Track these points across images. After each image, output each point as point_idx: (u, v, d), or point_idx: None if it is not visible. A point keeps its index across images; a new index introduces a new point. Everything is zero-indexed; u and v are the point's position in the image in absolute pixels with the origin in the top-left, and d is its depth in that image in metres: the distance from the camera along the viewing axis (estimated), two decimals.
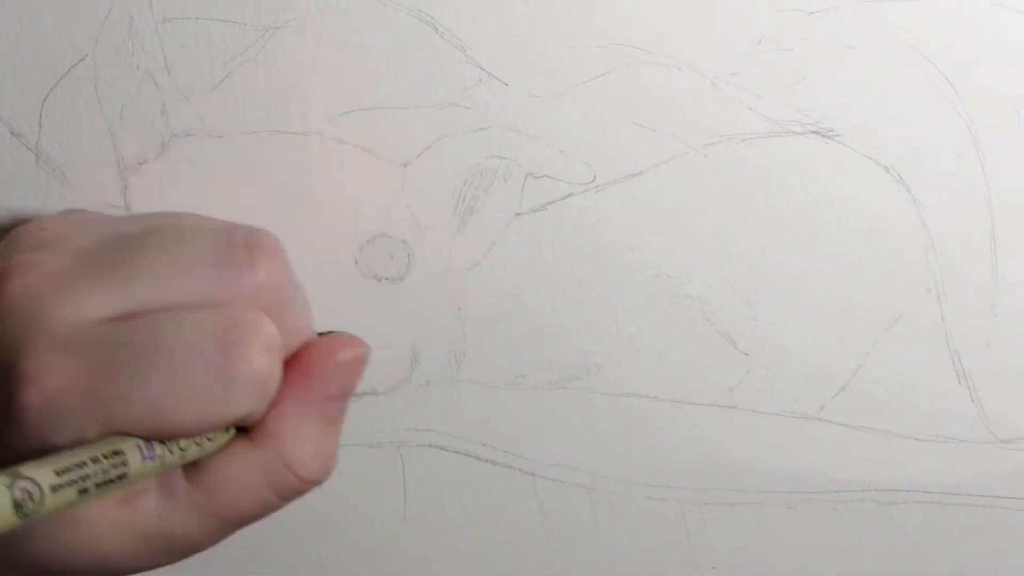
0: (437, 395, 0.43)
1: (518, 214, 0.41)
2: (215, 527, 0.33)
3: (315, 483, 0.34)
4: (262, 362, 0.30)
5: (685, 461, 0.44)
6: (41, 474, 0.26)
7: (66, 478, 0.27)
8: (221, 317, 0.30)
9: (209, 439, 0.32)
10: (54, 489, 0.26)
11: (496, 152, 0.40)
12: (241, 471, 0.32)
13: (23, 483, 0.25)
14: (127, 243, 0.31)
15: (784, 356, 0.43)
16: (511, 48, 0.39)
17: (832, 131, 0.41)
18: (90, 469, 0.27)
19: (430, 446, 0.43)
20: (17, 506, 0.25)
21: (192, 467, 0.32)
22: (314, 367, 0.34)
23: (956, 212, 0.42)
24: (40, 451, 0.28)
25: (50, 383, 0.29)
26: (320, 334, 0.35)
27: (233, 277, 0.31)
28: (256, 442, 0.33)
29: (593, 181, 0.41)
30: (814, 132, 0.41)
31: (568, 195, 0.41)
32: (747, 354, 0.43)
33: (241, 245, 0.32)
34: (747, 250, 0.42)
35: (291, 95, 0.39)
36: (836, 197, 0.42)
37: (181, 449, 0.31)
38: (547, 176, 0.41)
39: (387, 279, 0.41)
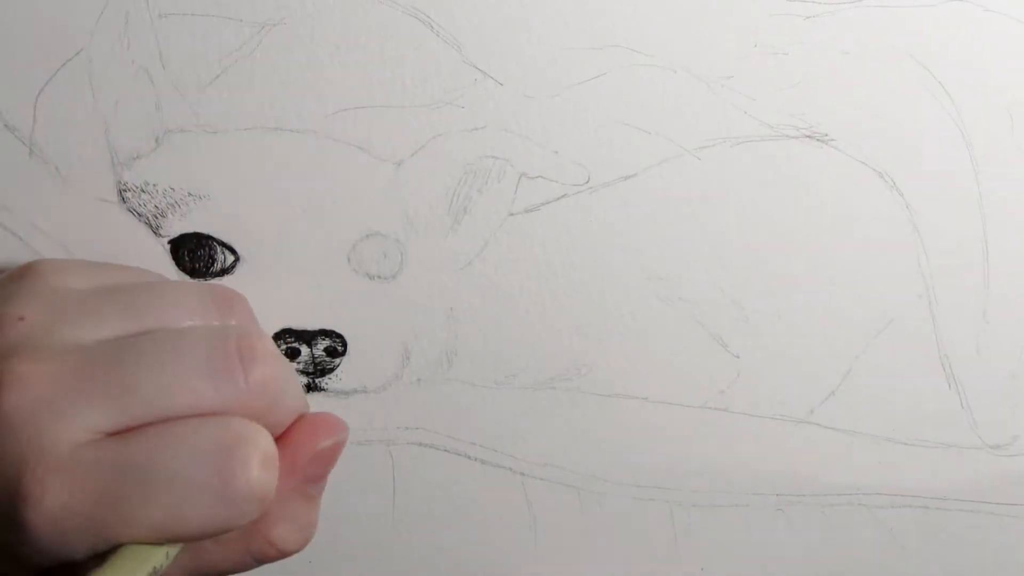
0: (427, 394, 0.43)
1: (511, 214, 0.41)
2: None
3: (294, 553, 0.35)
4: (260, 478, 0.31)
5: (674, 462, 0.44)
6: None
7: None
8: (218, 433, 0.31)
9: None
10: None
11: (490, 152, 0.40)
12: (226, 544, 0.33)
13: None
14: (121, 353, 0.32)
15: (775, 359, 0.43)
16: (507, 48, 0.39)
17: (826, 136, 0.41)
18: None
19: (420, 444, 0.43)
20: None
21: None
22: (297, 455, 0.34)
23: (949, 218, 0.42)
24: (49, 561, 0.30)
25: (52, 505, 0.29)
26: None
27: (230, 387, 0.32)
28: None
29: (587, 182, 0.41)
30: (808, 136, 0.41)
31: (562, 196, 0.41)
32: (738, 357, 0.43)
33: (235, 354, 0.32)
34: (739, 253, 0.42)
35: (286, 92, 0.39)
36: (829, 201, 0.42)
37: None
38: (541, 177, 0.41)
39: (379, 277, 0.41)
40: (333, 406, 0.42)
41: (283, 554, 0.35)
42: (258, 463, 0.31)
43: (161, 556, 0.31)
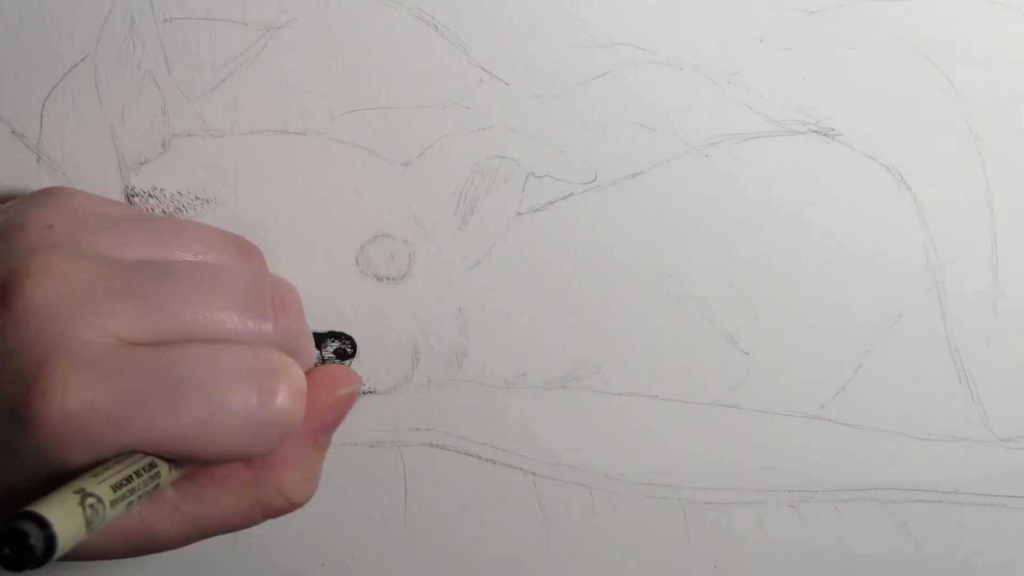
0: (438, 394, 0.43)
1: (519, 214, 0.41)
2: (195, 534, 0.34)
3: (300, 506, 0.35)
4: (290, 408, 0.31)
5: (686, 460, 0.44)
6: (103, 491, 0.27)
7: (120, 493, 0.28)
8: (256, 357, 0.31)
9: None
10: (112, 504, 0.28)
11: (497, 152, 0.40)
12: (233, 490, 0.33)
13: (91, 500, 0.27)
14: (155, 270, 0.32)
15: (785, 355, 0.43)
16: (512, 48, 0.39)
17: (833, 131, 0.41)
18: (135, 483, 0.29)
19: (431, 445, 0.43)
20: (88, 523, 0.26)
21: (182, 478, 0.32)
22: (317, 401, 0.34)
23: (957, 211, 0.42)
24: (50, 464, 0.29)
25: (73, 402, 0.28)
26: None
27: (261, 328, 0.32)
28: (252, 465, 0.33)
29: (594, 181, 0.41)
30: (815, 132, 0.41)
31: (569, 195, 0.41)
32: (748, 353, 0.43)
33: (269, 300, 0.33)
34: (748, 249, 0.42)
35: (292, 95, 0.39)
36: (837, 197, 0.42)
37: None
38: (548, 176, 0.41)
39: (388, 279, 0.41)
40: None
41: (291, 504, 0.34)
42: (291, 392, 0.31)
43: (165, 470, 0.30)
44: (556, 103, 0.40)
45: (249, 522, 0.34)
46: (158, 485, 0.30)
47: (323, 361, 0.42)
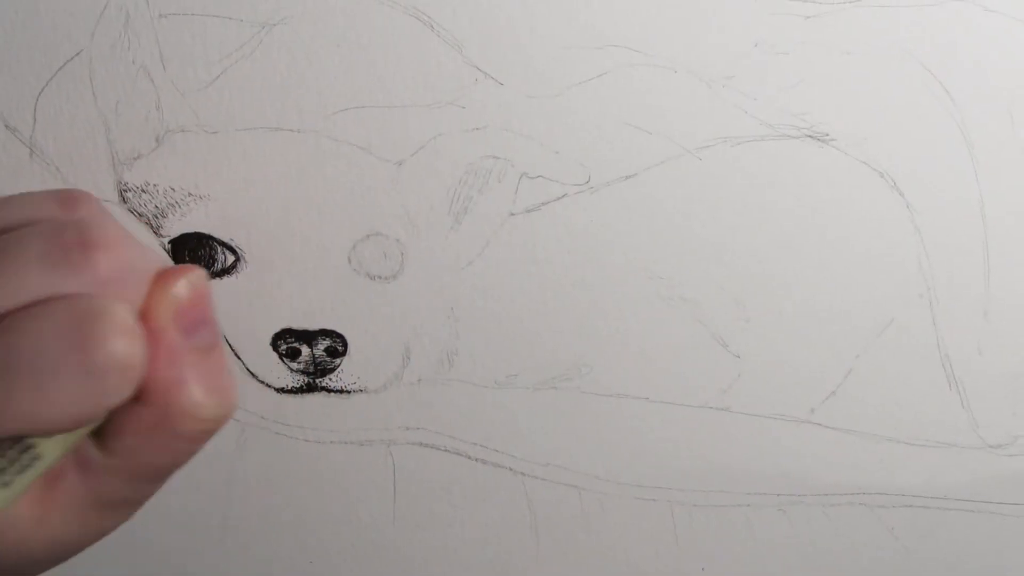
0: (428, 394, 0.43)
1: (512, 214, 0.41)
2: (142, 484, 0.33)
3: (222, 418, 0.33)
4: (125, 347, 0.29)
5: (675, 462, 0.44)
6: None
7: None
8: (69, 311, 0.29)
9: None
10: None
11: (491, 152, 0.40)
12: (148, 431, 0.31)
13: None
14: None
15: (776, 359, 0.43)
16: (508, 48, 0.39)
17: (827, 135, 0.41)
18: (2, 463, 0.28)
19: (420, 444, 0.43)
20: None
21: (99, 435, 0.31)
22: (158, 313, 0.32)
23: (949, 217, 0.42)
24: None
25: None
26: None
27: (72, 278, 0.30)
28: (147, 401, 0.31)
29: (587, 182, 0.41)
30: (809, 136, 0.41)
31: (562, 196, 0.41)
32: (739, 356, 0.43)
33: (73, 245, 0.30)
34: (740, 253, 0.42)
35: (286, 92, 0.39)
36: (830, 201, 0.42)
37: None
38: (542, 176, 0.41)
39: (380, 277, 0.41)
40: (334, 406, 0.42)
41: (209, 421, 0.32)
42: (116, 333, 0.29)
43: (42, 439, 0.29)
44: (551, 104, 0.40)
45: (185, 454, 0.32)
46: (38, 456, 0.29)
47: (314, 359, 0.42)
